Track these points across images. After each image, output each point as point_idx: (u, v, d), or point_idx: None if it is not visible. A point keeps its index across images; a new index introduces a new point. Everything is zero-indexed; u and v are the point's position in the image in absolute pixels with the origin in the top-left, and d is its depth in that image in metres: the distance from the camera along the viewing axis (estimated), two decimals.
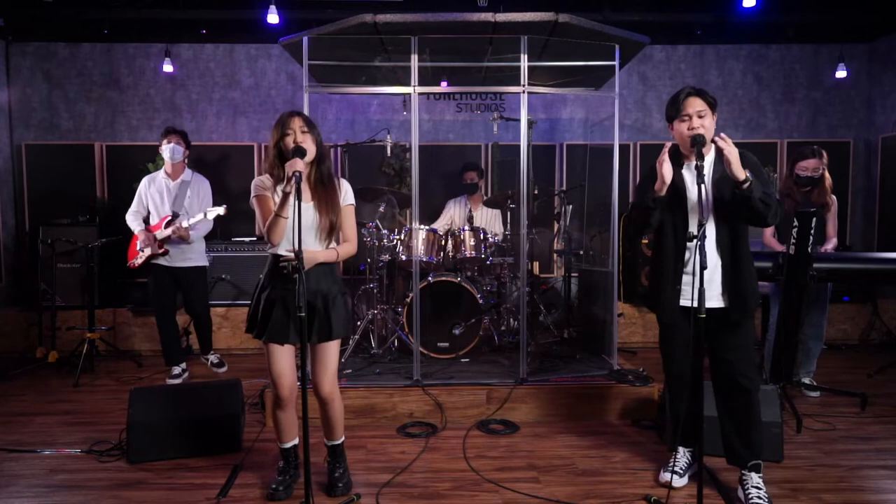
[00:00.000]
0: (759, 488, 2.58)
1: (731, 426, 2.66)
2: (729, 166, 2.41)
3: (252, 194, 2.60)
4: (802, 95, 6.22)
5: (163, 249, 4.38)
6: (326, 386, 2.64)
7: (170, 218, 4.38)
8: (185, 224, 4.30)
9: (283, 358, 2.61)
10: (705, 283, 2.26)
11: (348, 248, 2.68)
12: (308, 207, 2.53)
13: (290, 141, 2.52)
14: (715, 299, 2.59)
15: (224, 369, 4.86)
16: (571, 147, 6.09)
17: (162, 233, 4.35)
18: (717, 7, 5.35)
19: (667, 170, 2.52)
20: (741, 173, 2.41)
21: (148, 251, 4.38)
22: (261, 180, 2.61)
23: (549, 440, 3.37)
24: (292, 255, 2.36)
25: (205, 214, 4.33)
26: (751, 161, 2.59)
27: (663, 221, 2.66)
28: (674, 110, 2.59)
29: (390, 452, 3.20)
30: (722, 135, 2.45)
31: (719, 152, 2.60)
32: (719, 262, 2.59)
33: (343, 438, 2.77)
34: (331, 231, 2.59)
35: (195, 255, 4.51)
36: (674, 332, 2.72)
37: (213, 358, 4.87)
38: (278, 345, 2.58)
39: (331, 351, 2.64)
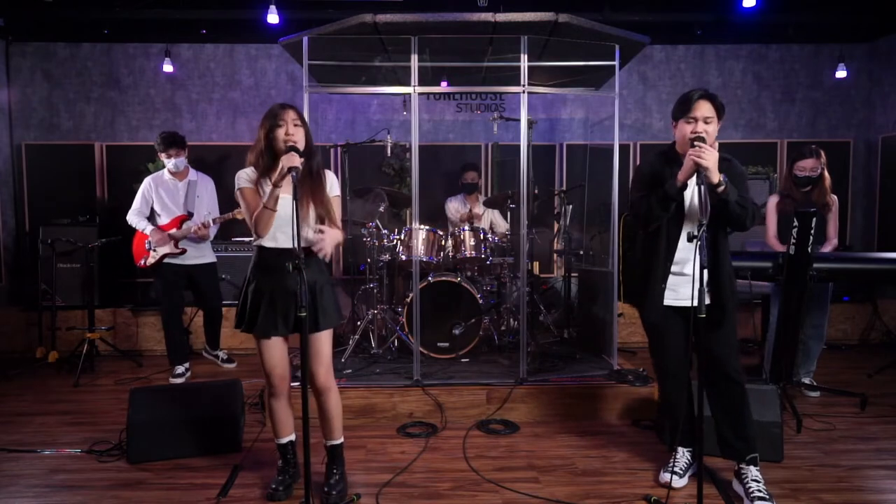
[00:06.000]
0: (759, 481, 2.60)
1: (725, 421, 2.69)
2: (706, 171, 2.40)
3: (237, 186, 2.58)
4: (802, 95, 6.22)
5: (180, 249, 4.46)
6: (321, 376, 2.62)
7: (185, 218, 4.47)
8: (203, 222, 4.44)
9: (274, 350, 2.61)
10: (691, 281, 2.27)
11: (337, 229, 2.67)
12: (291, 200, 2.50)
13: (281, 133, 2.50)
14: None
15: (233, 365, 4.93)
16: (571, 147, 6.09)
17: (179, 232, 4.43)
18: (717, 7, 5.35)
19: (705, 156, 2.43)
20: (716, 177, 2.43)
21: (164, 250, 4.43)
22: (246, 172, 2.58)
23: (549, 440, 3.37)
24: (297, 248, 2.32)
25: (213, 221, 4.50)
26: (737, 171, 2.62)
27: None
28: (682, 110, 2.59)
29: (390, 452, 3.20)
30: (697, 145, 2.44)
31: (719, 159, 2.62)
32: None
33: (342, 440, 2.76)
34: (321, 224, 2.59)
35: (208, 252, 4.66)
36: (662, 331, 2.74)
37: (221, 354, 4.95)
38: (268, 338, 2.58)
39: (323, 341, 2.63)
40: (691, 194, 2.58)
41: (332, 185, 2.68)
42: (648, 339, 2.84)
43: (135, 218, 4.50)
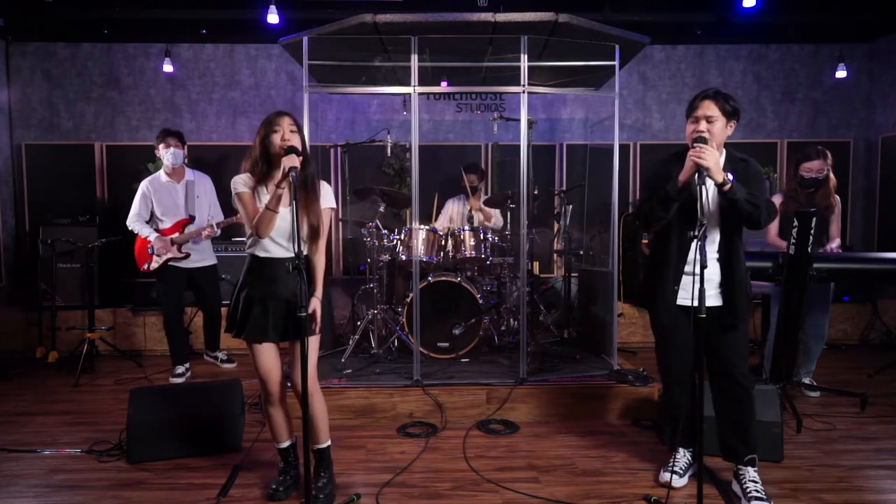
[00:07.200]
0: (756, 482, 2.61)
1: (728, 423, 2.69)
2: (707, 171, 2.41)
3: (235, 191, 2.57)
4: (802, 95, 6.22)
5: (184, 253, 4.47)
6: (306, 380, 2.62)
7: (187, 222, 4.48)
8: (210, 224, 4.49)
9: (268, 355, 2.61)
10: (704, 281, 2.27)
11: (322, 259, 2.66)
12: (288, 211, 2.47)
13: (277, 138, 2.50)
14: (713, 298, 2.61)
15: (233, 365, 4.94)
16: (571, 147, 6.08)
17: (181, 237, 4.44)
18: (717, 7, 5.35)
19: (705, 157, 2.44)
20: (719, 176, 2.44)
21: (168, 255, 4.43)
22: (242, 178, 2.57)
23: (549, 440, 3.37)
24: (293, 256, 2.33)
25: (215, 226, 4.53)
26: (754, 170, 2.62)
27: (668, 221, 2.67)
28: (688, 110, 2.63)
29: (390, 452, 3.20)
30: (696, 145, 2.44)
31: (728, 159, 2.61)
32: (718, 265, 2.63)
33: (329, 443, 2.73)
34: (313, 235, 2.57)
35: (209, 255, 4.69)
36: (672, 331, 2.73)
37: (221, 355, 4.97)
38: (259, 343, 2.58)
39: (309, 346, 2.62)
40: (705, 195, 2.58)
41: (327, 196, 2.65)
42: (656, 340, 2.83)
43: (136, 224, 4.47)
